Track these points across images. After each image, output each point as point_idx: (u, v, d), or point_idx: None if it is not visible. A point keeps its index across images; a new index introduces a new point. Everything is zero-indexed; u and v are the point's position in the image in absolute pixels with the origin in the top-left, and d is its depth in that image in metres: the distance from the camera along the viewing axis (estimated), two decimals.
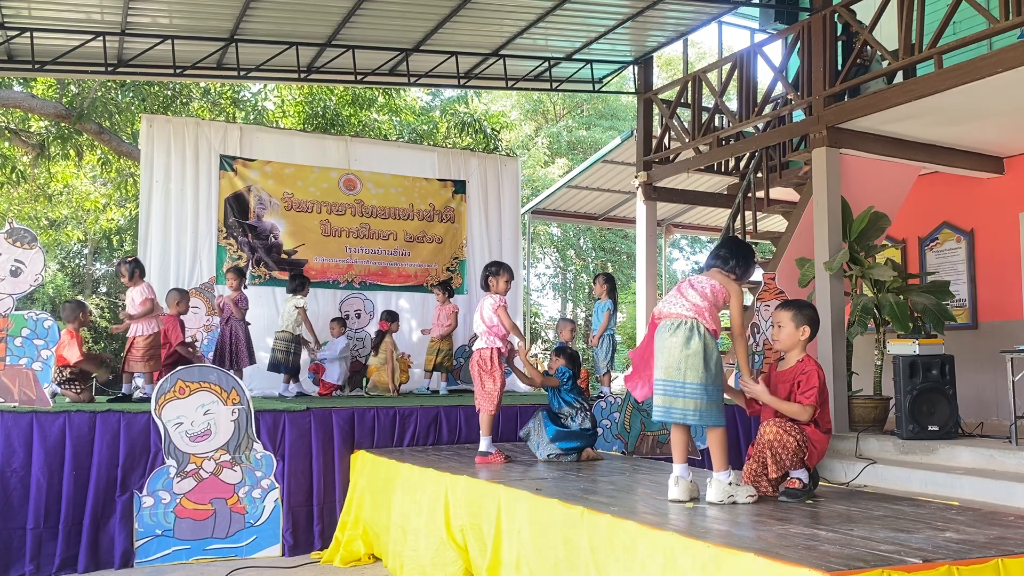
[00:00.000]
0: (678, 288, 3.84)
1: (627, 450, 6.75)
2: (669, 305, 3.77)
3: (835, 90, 8.22)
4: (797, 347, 3.96)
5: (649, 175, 10.91)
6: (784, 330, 3.97)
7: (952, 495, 6.03)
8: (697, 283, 3.79)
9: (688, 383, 3.60)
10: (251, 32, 9.60)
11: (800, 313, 3.98)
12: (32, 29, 8.95)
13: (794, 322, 3.95)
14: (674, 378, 3.63)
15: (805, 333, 3.94)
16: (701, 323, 3.65)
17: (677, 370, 3.62)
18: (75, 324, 6.47)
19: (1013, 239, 9.26)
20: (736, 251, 3.90)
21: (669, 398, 3.64)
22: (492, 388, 5.27)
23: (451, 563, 4.29)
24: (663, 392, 3.66)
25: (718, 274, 3.84)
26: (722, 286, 3.78)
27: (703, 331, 3.64)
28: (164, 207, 9.52)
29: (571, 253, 25.97)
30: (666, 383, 3.65)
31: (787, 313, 4.00)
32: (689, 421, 3.65)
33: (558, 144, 25.12)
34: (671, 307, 3.75)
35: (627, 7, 9.68)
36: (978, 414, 8.92)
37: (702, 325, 3.65)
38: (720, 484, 3.62)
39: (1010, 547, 2.75)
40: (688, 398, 3.60)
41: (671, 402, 3.64)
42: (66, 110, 13.05)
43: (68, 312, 6.57)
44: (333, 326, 8.90)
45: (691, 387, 3.60)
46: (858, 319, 8.09)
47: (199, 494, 5.37)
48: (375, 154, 10.93)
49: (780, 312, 4.04)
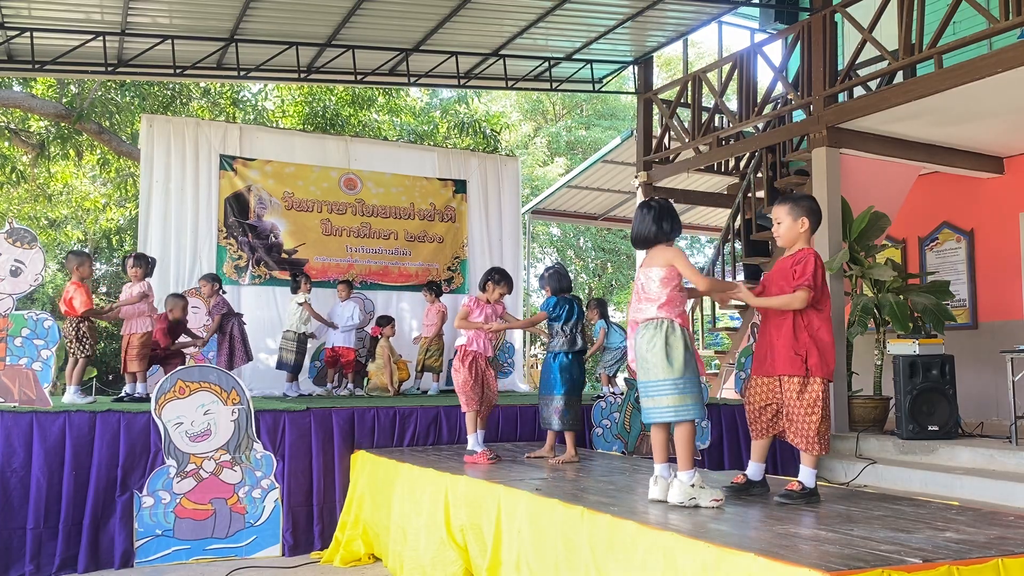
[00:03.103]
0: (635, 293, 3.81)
1: (627, 450, 6.75)
2: (635, 312, 3.78)
3: (835, 90, 8.22)
4: (799, 241, 3.85)
5: (649, 175, 10.91)
6: (783, 225, 3.85)
7: (952, 495, 6.03)
8: (647, 282, 3.73)
9: (655, 381, 3.64)
10: (251, 32, 9.59)
11: (797, 205, 3.84)
12: (32, 29, 8.95)
13: (791, 215, 3.82)
14: (644, 379, 3.70)
15: (804, 225, 3.81)
16: (664, 321, 3.66)
17: (645, 371, 3.68)
18: (78, 275, 6.48)
19: (1013, 239, 9.26)
20: (663, 214, 3.76)
21: (645, 399, 3.71)
22: (461, 381, 5.34)
23: (451, 563, 4.29)
24: (642, 394, 3.74)
25: (662, 251, 3.73)
26: (666, 265, 3.69)
27: (665, 328, 3.65)
28: (164, 207, 9.52)
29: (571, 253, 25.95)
30: (643, 385, 3.72)
31: (783, 207, 3.86)
32: (667, 418, 3.65)
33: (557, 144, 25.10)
34: (636, 313, 3.77)
35: (627, 7, 9.68)
36: (978, 414, 8.92)
37: (664, 322, 3.66)
38: (682, 485, 3.55)
39: (1010, 547, 2.75)
40: (660, 395, 3.63)
41: (646, 403, 3.71)
42: (66, 110, 13.04)
43: (72, 262, 6.57)
44: (341, 289, 8.95)
45: (661, 384, 3.62)
46: (858, 319, 8.09)
47: (199, 494, 5.37)
48: (375, 154, 10.93)
49: (777, 208, 3.90)
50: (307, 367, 9.13)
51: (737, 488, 3.91)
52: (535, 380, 12.84)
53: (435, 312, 9.20)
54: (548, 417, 5.35)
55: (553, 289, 5.46)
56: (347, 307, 8.84)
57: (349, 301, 8.92)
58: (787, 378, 3.81)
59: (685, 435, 3.63)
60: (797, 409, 3.77)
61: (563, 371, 5.30)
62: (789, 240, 3.88)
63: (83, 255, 6.70)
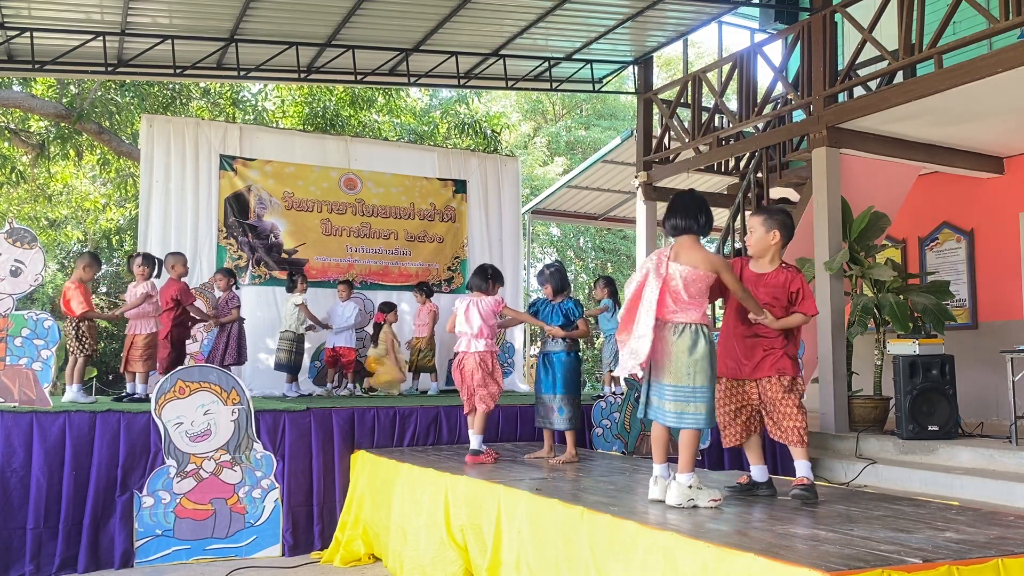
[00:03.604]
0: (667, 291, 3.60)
1: (627, 450, 6.75)
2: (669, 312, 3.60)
3: (835, 90, 8.22)
4: (768, 252, 3.90)
5: (649, 175, 10.91)
6: (755, 235, 3.92)
7: (952, 495, 6.02)
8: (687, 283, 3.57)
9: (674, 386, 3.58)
10: (251, 32, 9.59)
11: (771, 218, 3.90)
12: (32, 29, 8.95)
13: (764, 226, 3.89)
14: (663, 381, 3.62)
15: (776, 238, 3.87)
16: (700, 327, 3.59)
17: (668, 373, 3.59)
18: (77, 276, 6.46)
19: (1013, 239, 9.26)
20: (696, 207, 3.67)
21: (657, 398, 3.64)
22: (494, 390, 5.31)
23: (451, 563, 4.29)
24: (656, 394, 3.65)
25: (703, 254, 3.60)
26: (711, 270, 3.59)
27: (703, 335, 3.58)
28: (164, 207, 9.51)
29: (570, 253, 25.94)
30: (659, 386, 3.64)
31: (758, 218, 3.94)
32: (671, 423, 3.60)
33: (557, 144, 25.10)
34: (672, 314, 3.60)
35: (627, 7, 9.68)
36: (978, 414, 8.91)
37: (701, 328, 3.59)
38: (680, 487, 3.54)
39: (1010, 547, 2.75)
40: (676, 401, 3.57)
41: (657, 402, 3.63)
42: (66, 110, 13.04)
43: (81, 262, 6.57)
44: (341, 289, 8.94)
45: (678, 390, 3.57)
46: (858, 319, 8.09)
47: (199, 494, 5.37)
48: (375, 154, 10.93)
49: (752, 218, 3.98)
50: (307, 367, 9.13)
51: (741, 489, 3.91)
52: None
53: (427, 312, 9.20)
54: (552, 417, 5.33)
55: (554, 288, 5.45)
56: (347, 307, 8.84)
57: (349, 301, 8.92)
58: (775, 378, 3.81)
59: (690, 439, 3.60)
60: (787, 407, 3.79)
61: (566, 370, 5.31)
62: (759, 251, 3.93)
63: (95, 259, 6.70)
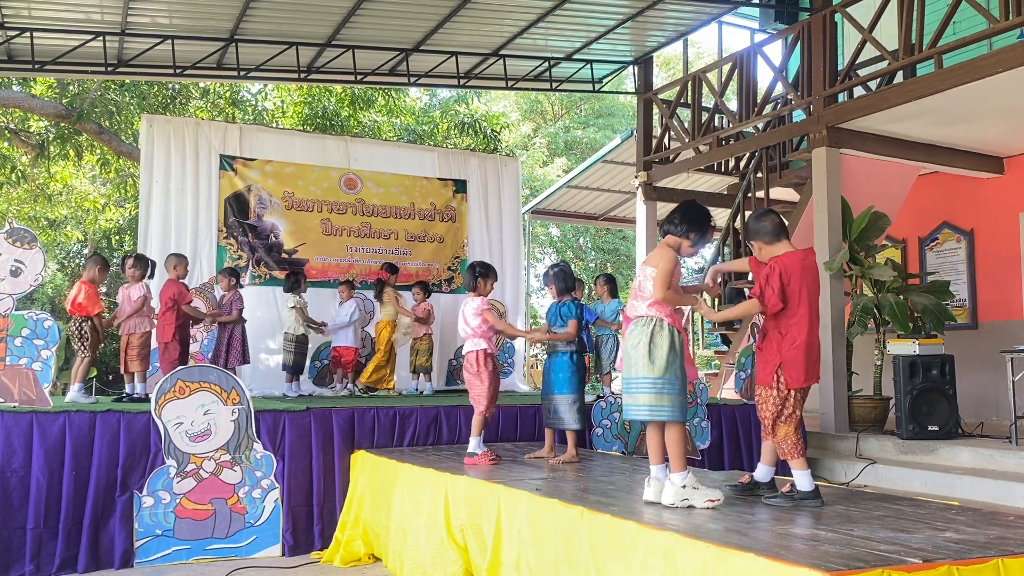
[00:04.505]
0: (632, 290, 3.88)
1: (627, 450, 6.75)
2: (629, 308, 3.85)
3: (835, 90, 8.22)
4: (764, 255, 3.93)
5: (649, 175, 10.91)
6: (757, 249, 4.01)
7: (952, 495, 6.03)
8: (644, 280, 3.76)
9: (635, 378, 3.67)
10: (251, 32, 9.59)
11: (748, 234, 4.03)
12: (32, 29, 8.95)
13: (753, 244, 4.01)
14: (626, 375, 3.73)
15: (758, 247, 3.95)
16: (653, 319, 3.69)
17: (627, 367, 3.71)
18: (88, 276, 6.47)
19: (1013, 239, 9.26)
20: (687, 215, 3.82)
21: (625, 395, 3.74)
22: (481, 390, 5.28)
23: (451, 563, 4.29)
24: (624, 390, 3.77)
25: (661, 250, 3.76)
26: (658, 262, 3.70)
27: (652, 326, 3.68)
28: (164, 207, 9.51)
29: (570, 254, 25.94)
30: (624, 380, 3.75)
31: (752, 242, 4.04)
32: (642, 416, 3.67)
33: (556, 144, 25.11)
34: (629, 310, 3.83)
35: (627, 7, 9.68)
36: (978, 414, 8.92)
37: (653, 320, 3.68)
38: (674, 487, 3.54)
39: (1010, 547, 2.75)
40: (637, 393, 3.65)
41: (625, 399, 3.74)
42: (66, 110, 13.04)
43: (92, 263, 6.58)
44: (343, 290, 8.93)
45: (640, 381, 3.65)
46: (858, 319, 8.09)
47: (199, 494, 5.36)
48: (375, 153, 10.93)
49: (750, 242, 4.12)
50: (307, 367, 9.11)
51: (742, 488, 3.91)
52: (535, 380, 12.84)
53: (422, 311, 9.19)
54: (559, 416, 5.33)
55: (558, 288, 5.46)
56: (344, 306, 8.83)
57: (350, 301, 8.92)
58: (766, 389, 3.82)
59: (674, 436, 3.61)
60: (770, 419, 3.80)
61: (573, 370, 5.32)
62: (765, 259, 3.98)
63: (105, 262, 6.72)
